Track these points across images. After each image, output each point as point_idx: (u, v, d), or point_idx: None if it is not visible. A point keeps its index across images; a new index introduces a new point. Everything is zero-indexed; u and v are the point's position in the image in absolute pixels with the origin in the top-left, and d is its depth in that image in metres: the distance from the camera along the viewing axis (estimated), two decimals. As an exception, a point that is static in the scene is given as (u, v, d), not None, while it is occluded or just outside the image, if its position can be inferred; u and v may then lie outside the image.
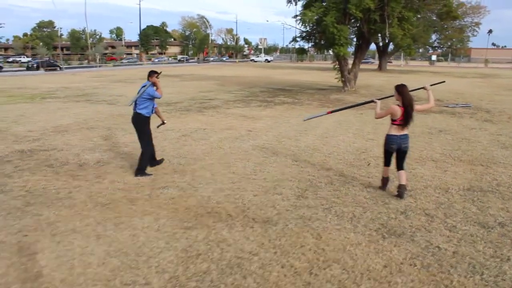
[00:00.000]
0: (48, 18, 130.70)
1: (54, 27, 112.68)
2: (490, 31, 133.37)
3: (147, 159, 7.73)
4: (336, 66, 25.87)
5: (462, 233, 5.33)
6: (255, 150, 9.53)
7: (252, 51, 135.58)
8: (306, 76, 42.70)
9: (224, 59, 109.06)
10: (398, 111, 6.42)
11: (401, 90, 6.44)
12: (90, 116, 14.65)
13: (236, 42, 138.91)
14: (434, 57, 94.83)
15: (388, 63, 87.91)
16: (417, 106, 6.55)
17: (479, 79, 43.68)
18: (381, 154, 9.07)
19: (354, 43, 25.16)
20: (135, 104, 7.58)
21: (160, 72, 7.70)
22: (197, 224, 5.52)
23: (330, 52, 30.38)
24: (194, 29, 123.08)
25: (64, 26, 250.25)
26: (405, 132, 6.58)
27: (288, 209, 6.01)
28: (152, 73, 7.58)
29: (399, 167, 6.69)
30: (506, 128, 13.16)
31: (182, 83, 30.74)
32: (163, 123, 8.54)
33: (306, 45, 26.49)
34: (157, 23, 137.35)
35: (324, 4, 21.63)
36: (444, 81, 8.47)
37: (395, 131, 6.57)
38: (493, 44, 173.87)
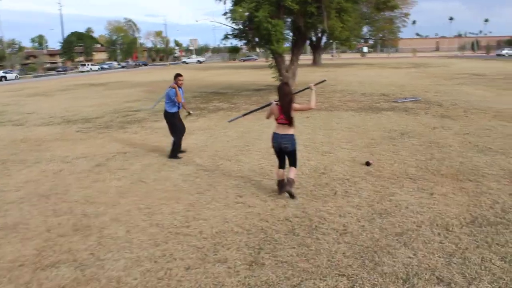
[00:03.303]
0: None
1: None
2: (414, 22, 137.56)
3: (178, 144, 9.16)
4: (273, 64, 24.05)
5: (506, 317, 3.48)
6: (187, 181, 7.36)
7: (183, 53, 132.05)
8: (241, 76, 40.75)
9: (123, 65, 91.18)
10: (276, 110, 6.24)
11: (279, 88, 6.37)
12: (-16, 143, 11.87)
13: (166, 45, 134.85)
14: (365, 49, 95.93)
15: (332, 56, 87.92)
16: (295, 105, 6.15)
17: (413, 69, 43.54)
18: (346, 175, 7.35)
19: (291, 38, 23.42)
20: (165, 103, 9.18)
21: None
22: None
23: (260, 50, 28.73)
24: (122, 34, 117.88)
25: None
26: (289, 132, 6.24)
27: (238, 293, 3.95)
28: (175, 76, 9.09)
29: (290, 164, 6.48)
30: (469, 124, 11.76)
31: (106, 92, 27.83)
32: (189, 113, 9.86)
33: (239, 43, 24.45)
34: (82, 30, 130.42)
35: (256, -2, 19.64)
36: (325, 80, 8.03)
37: (278, 130, 6.31)
38: (417, 34, 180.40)
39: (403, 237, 4.94)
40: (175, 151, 9.05)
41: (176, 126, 9.15)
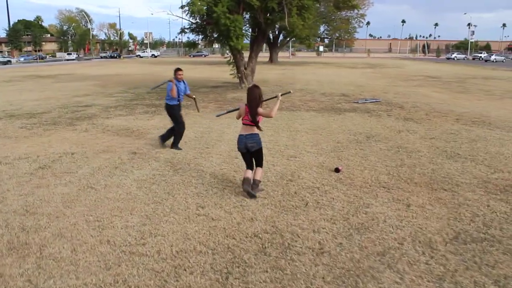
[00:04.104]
0: None
1: None
2: (368, 23, 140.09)
3: (180, 136, 9.31)
4: (231, 61, 23.39)
5: None
6: (142, 188, 6.63)
7: (138, 46, 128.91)
8: (197, 71, 39.80)
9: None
10: (243, 110, 6.29)
11: (248, 90, 6.36)
12: None
13: (120, 37, 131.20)
14: (321, 48, 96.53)
15: (292, 55, 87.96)
16: (259, 109, 6.17)
17: (369, 69, 44.02)
18: (315, 182, 6.84)
19: (250, 35, 22.85)
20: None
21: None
22: None
23: (216, 46, 28.20)
24: (73, 24, 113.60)
25: None
26: (253, 132, 6.27)
27: (204, 331, 3.32)
28: (175, 71, 9.02)
29: (256, 164, 6.49)
30: (433, 128, 11.56)
31: (55, 85, 26.30)
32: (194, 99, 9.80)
33: (197, 38, 23.62)
34: (31, 17, 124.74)
35: (215, -9, 18.91)
36: (290, 92, 7.67)
37: (243, 131, 6.33)
38: (370, 35, 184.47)
39: (385, 257, 4.46)
40: (177, 141, 9.27)
41: (177, 118, 9.20)
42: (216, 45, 30.60)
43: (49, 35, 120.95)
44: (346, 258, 4.42)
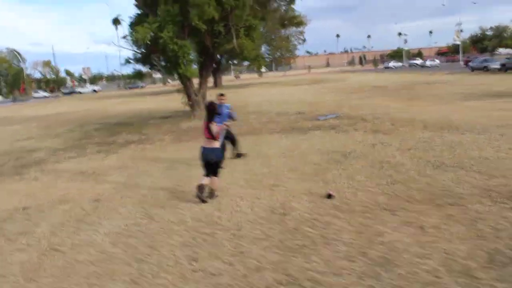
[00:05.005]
0: None
1: None
2: (304, 40, 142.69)
3: (237, 145, 10.37)
4: (181, 89, 22.51)
5: None
6: (118, 244, 5.69)
7: (76, 83, 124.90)
8: (142, 103, 38.48)
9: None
10: (203, 125, 7.01)
11: (205, 106, 7.24)
12: None
13: (57, 75, 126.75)
14: (263, 68, 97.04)
15: (236, 77, 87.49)
16: (211, 125, 6.86)
17: (315, 85, 44.33)
18: (312, 213, 6.16)
19: (198, 60, 22.15)
20: None
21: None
22: None
23: (157, 75, 27.37)
24: (4, 64, 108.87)
25: None
26: (214, 145, 6.97)
27: None
28: (218, 96, 9.78)
29: (212, 174, 7.11)
30: (405, 138, 11.22)
31: (-10, 131, 24.47)
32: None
33: (143, 68, 22.60)
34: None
35: (158, 18, 18.08)
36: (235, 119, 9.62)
37: (204, 144, 7.03)
38: (307, 52, 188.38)
39: (428, 297, 3.81)
40: (238, 151, 10.42)
41: (227, 134, 9.77)
42: (156, 75, 29.58)
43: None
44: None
